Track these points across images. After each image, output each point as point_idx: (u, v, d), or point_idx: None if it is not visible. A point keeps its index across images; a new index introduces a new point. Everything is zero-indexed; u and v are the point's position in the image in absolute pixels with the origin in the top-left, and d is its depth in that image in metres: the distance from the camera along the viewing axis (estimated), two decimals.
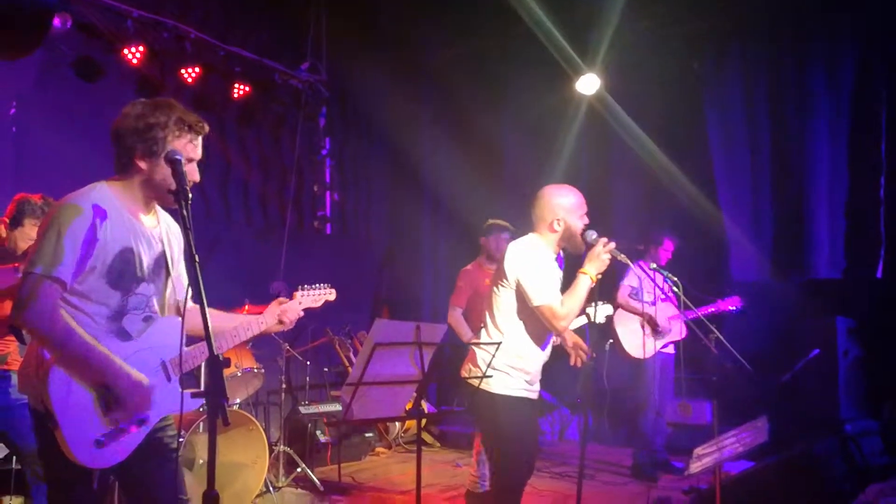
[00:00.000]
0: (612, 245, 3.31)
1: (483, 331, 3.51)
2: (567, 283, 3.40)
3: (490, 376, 3.28)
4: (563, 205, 3.40)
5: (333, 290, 2.96)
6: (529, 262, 3.35)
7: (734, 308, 6.03)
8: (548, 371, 3.59)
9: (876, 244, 6.36)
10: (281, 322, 2.78)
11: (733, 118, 7.18)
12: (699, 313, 5.34)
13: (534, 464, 3.56)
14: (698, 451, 4.01)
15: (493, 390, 3.34)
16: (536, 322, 3.35)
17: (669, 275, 5.22)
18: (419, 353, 2.78)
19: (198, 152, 2.44)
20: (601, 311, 5.08)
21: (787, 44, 6.91)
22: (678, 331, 6.04)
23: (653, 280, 5.65)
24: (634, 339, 5.90)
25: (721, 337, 4.69)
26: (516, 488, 3.43)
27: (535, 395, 3.47)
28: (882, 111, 6.36)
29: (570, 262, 3.54)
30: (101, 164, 3.39)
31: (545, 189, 3.50)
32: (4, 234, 3.43)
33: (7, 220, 3.44)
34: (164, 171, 2.34)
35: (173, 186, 2.29)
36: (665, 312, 5.92)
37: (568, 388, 7.18)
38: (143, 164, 2.35)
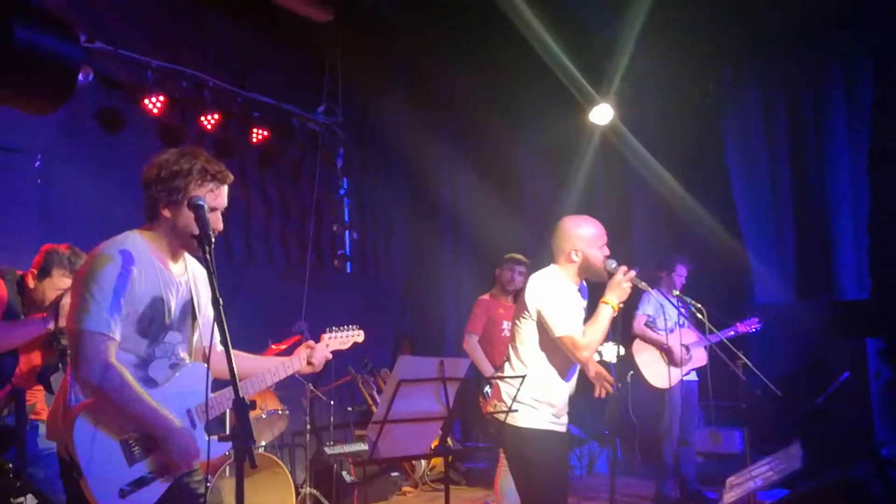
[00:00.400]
0: (633, 273, 3.30)
1: (507, 364, 3.50)
2: (591, 313, 3.40)
3: (516, 410, 3.26)
4: (582, 235, 3.40)
5: (361, 332, 2.96)
6: (550, 292, 3.35)
7: (754, 329, 5.97)
8: (574, 404, 3.54)
9: None
10: (310, 364, 2.78)
11: (751, 138, 7.16)
12: (722, 337, 5.30)
13: (566, 499, 3.48)
14: (731, 480, 3.95)
15: (519, 424, 3.32)
16: (559, 353, 3.34)
17: (692, 301, 5.18)
18: (444, 389, 2.77)
19: (221, 201, 2.48)
20: (610, 351, 5.06)
21: (803, 60, 6.90)
22: (699, 357, 5.98)
23: (676, 307, 5.61)
24: (655, 369, 5.84)
25: (748, 362, 4.64)
26: None
27: (562, 429, 3.43)
28: None
29: (595, 292, 3.54)
30: (124, 214, 3.45)
31: (564, 220, 3.52)
32: (32, 285, 3.48)
33: (35, 271, 3.49)
34: (186, 218, 2.37)
35: (196, 232, 2.32)
36: (684, 339, 5.87)
37: (595, 421, 7.09)
38: (167, 213, 2.40)
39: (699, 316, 5.09)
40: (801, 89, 6.95)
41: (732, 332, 5.80)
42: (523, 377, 3.17)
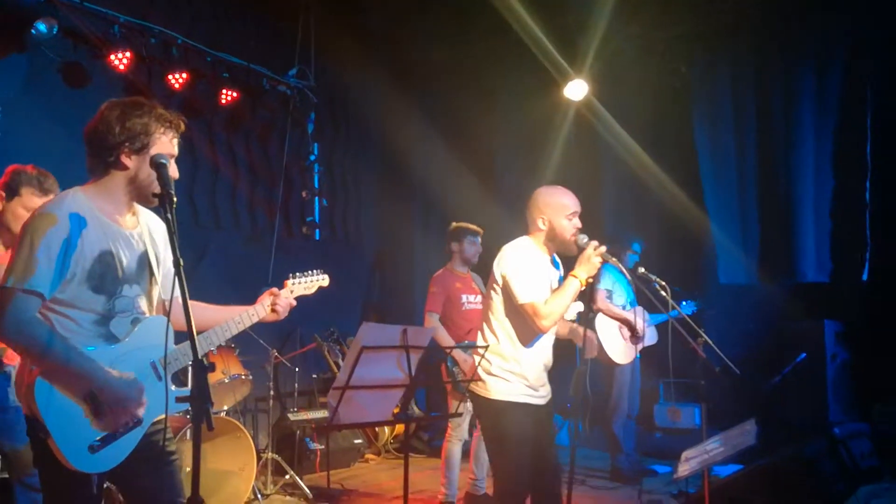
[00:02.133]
0: (603, 249, 3.30)
1: (479, 336, 3.52)
2: None
3: (479, 381, 3.27)
4: (550, 203, 3.41)
5: (326, 277, 2.88)
6: (516, 260, 3.36)
7: (692, 311, 6.07)
8: None
9: (862, 247, 6.40)
10: (274, 311, 2.74)
11: (720, 122, 7.23)
12: (682, 314, 5.37)
13: (550, 470, 3.46)
14: (686, 454, 4.02)
15: (492, 396, 3.34)
16: (526, 323, 3.34)
17: (656, 278, 5.23)
18: (406, 357, 2.77)
19: (176, 149, 2.45)
20: (572, 309, 5.07)
21: (776, 47, 6.96)
22: (651, 336, 6.08)
23: (628, 285, 5.69)
24: (615, 344, 5.91)
25: (709, 340, 4.70)
26: (517, 493, 3.37)
27: (540, 401, 3.41)
28: (867, 114, 6.41)
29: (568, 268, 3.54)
30: (85, 170, 3.35)
31: (536, 190, 3.53)
32: (0, 207, 3.35)
33: (2, 193, 3.29)
34: (148, 170, 2.34)
35: (157, 189, 2.30)
36: (639, 317, 5.96)
37: (558, 394, 7.16)
38: (129, 162, 2.35)
39: (663, 293, 5.14)
40: (770, 75, 7.01)
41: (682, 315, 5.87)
42: (485, 347, 3.17)
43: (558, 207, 3.39)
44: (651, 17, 7.06)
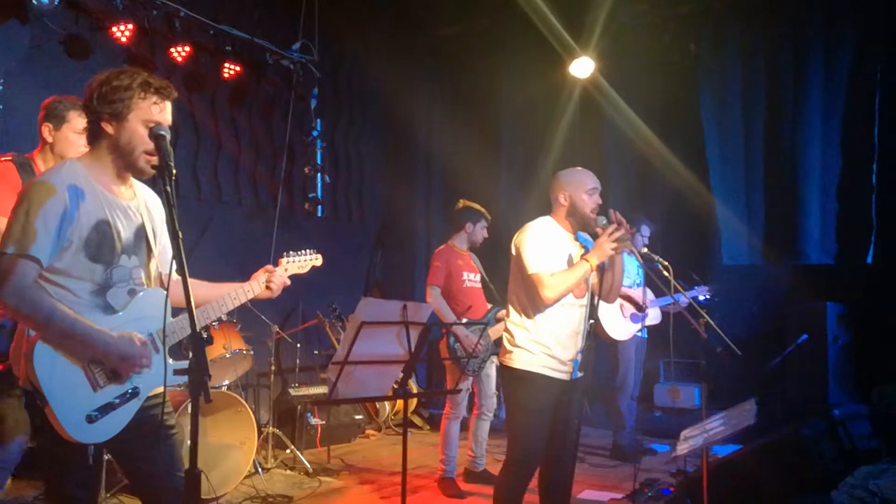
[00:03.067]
0: (617, 234, 3.32)
1: (507, 312, 3.62)
2: None
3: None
4: (570, 179, 3.53)
5: (319, 256, 2.91)
6: (531, 233, 3.47)
7: (700, 297, 6.06)
8: None
9: (867, 230, 6.36)
10: (268, 289, 2.75)
11: (728, 101, 7.15)
12: (687, 297, 5.37)
13: (565, 446, 3.50)
14: (686, 432, 4.02)
15: (514, 365, 3.44)
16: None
17: (659, 258, 5.21)
18: (406, 333, 2.76)
19: (166, 117, 2.40)
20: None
21: (785, 26, 6.87)
22: (654, 315, 6.08)
23: (638, 266, 5.68)
24: (614, 321, 5.92)
25: (710, 321, 4.69)
26: (526, 462, 3.43)
27: (562, 376, 3.44)
28: (876, 96, 6.34)
29: None
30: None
31: (559, 172, 3.65)
32: (51, 138, 3.27)
33: (50, 124, 3.27)
34: (128, 135, 2.32)
35: (139, 153, 2.31)
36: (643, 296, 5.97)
37: None
38: (108, 128, 2.34)
39: (665, 273, 5.12)
40: (780, 56, 6.93)
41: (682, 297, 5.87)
42: (485, 325, 3.19)
43: (578, 183, 3.50)
44: None
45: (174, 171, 2.25)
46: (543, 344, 3.41)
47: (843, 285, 6.46)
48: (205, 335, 2.00)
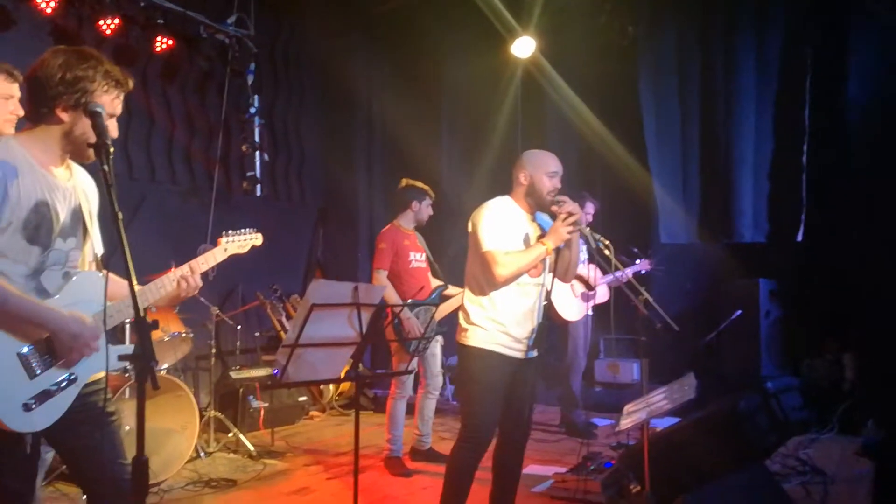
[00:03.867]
0: (573, 218, 3.33)
1: (465, 289, 3.62)
2: None
3: (464, 330, 3.45)
4: (532, 161, 3.54)
5: (260, 235, 2.82)
6: (487, 212, 3.47)
7: (644, 271, 6.20)
8: None
9: (798, 209, 6.57)
10: (178, 286, 2.55)
11: (665, 82, 7.27)
12: (627, 274, 5.47)
13: (519, 423, 3.55)
14: (628, 407, 4.10)
15: (469, 343, 3.45)
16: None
17: (600, 237, 5.28)
18: (357, 315, 2.72)
19: (118, 108, 2.34)
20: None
21: (719, 10, 7.00)
22: (602, 293, 6.18)
23: (582, 244, 5.72)
24: (566, 302, 5.99)
25: (650, 298, 4.79)
26: (479, 438, 3.45)
27: (516, 354, 3.46)
28: (807, 78, 6.53)
29: None
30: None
31: (523, 152, 3.66)
32: None
33: None
34: (84, 125, 2.23)
35: (93, 140, 2.18)
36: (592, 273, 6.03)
37: None
38: (64, 116, 2.24)
39: (606, 252, 5.19)
40: (714, 37, 7.06)
41: (626, 273, 5.98)
42: (437, 305, 3.18)
43: (540, 165, 3.51)
44: None
45: (112, 150, 2.16)
46: (499, 322, 3.43)
47: (775, 262, 6.67)
48: (149, 321, 1.92)
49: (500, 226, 3.43)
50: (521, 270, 3.38)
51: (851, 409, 5.82)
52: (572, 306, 6.00)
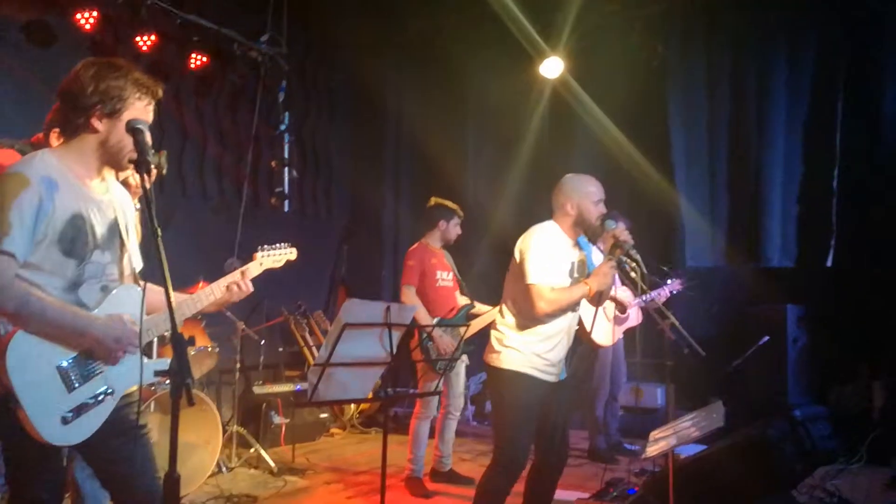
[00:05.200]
0: (614, 263, 3.41)
1: (500, 312, 3.63)
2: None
3: (495, 352, 3.46)
4: (578, 189, 3.56)
5: (294, 250, 2.84)
6: (536, 241, 3.48)
7: (675, 291, 6.12)
8: None
9: (827, 234, 6.50)
10: (228, 291, 2.63)
11: (695, 103, 7.24)
12: (653, 296, 5.41)
13: (554, 447, 3.57)
14: (655, 434, 4.05)
15: (502, 366, 3.46)
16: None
17: (627, 259, 5.24)
18: (388, 335, 2.73)
19: (150, 116, 2.38)
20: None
21: (750, 31, 6.97)
22: (636, 316, 6.11)
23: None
24: (599, 326, 5.92)
25: (676, 322, 4.74)
26: (514, 463, 3.45)
27: (550, 378, 3.50)
28: (838, 100, 6.47)
29: None
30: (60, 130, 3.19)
31: (564, 177, 3.68)
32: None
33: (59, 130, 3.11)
34: (120, 134, 2.27)
35: (127, 152, 2.26)
36: (623, 297, 5.97)
37: None
38: (99, 126, 2.28)
39: (633, 275, 5.15)
40: (745, 59, 7.04)
41: (659, 293, 5.92)
42: (467, 326, 3.19)
43: (586, 194, 3.54)
44: None
45: (152, 166, 2.20)
46: (534, 344, 3.45)
47: (803, 287, 6.58)
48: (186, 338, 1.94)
49: (548, 259, 3.45)
50: (563, 308, 3.43)
51: (881, 439, 5.70)
52: (605, 330, 5.93)
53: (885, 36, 6.32)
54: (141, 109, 2.31)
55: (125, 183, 2.82)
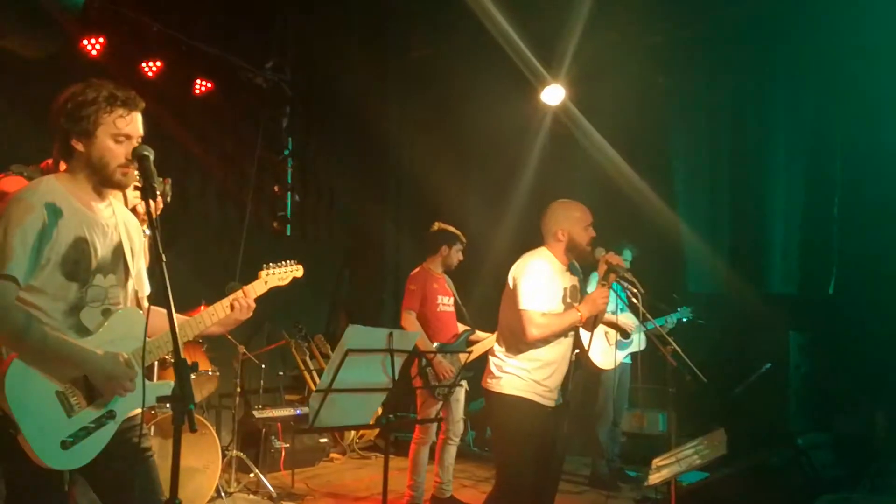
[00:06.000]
0: (606, 290, 3.46)
1: (497, 338, 3.66)
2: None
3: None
4: (567, 215, 3.62)
5: (300, 267, 2.85)
6: (530, 268, 3.53)
7: (684, 319, 6.13)
8: None
9: (829, 261, 6.51)
10: (232, 308, 2.62)
11: (695, 131, 7.30)
12: (655, 324, 5.41)
13: (553, 470, 3.60)
14: (657, 461, 4.03)
15: (503, 391, 3.49)
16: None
17: (630, 286, 5.24)
18: (391, 361, 2.73)
19: (136, 128, 2.36)
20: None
21: (751, 61, 7.03)
22: (639, 341, 6.09)
23: (616, 293, 5.68)
24: (600, 350, 5.91)
25: (678, 349, 4.73)
26: (517, 492, 3.45)
27: (549, 403, 3.52)
28: (839, 130, 6.52)
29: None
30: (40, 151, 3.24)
31: (552, 204, 3.74)
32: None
33: None
34: (100, 150, 2.29)
35: (114, 167, 2.29)
36: (627, 322, 5.96)
37: None
38: (79, 146, 2.30)
39: (634, 301, 5.15)
40: (745, 88, 7.09)
41: (665, 321, 5.92)
42: (469, 352, 3.20)
43: (575, 220, 3.61)
44: (629, 24, 7.08)
45: (157, 192, 2.21)
46: (532, 371, 3.47)
47: (806, 314, 6.58)
48: (169, 358, 1.94)
49: (540, 285, 3.48)
50: (554, 334, 3.46)
51: (884, 468, 5.66)
52: (606, 354, 5.91)
53: (883, 64, 6.37)
54: (113, 123, 2.29)
55: (133, 210, 2.84)
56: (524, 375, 3.46)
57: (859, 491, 5.51)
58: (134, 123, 2.35)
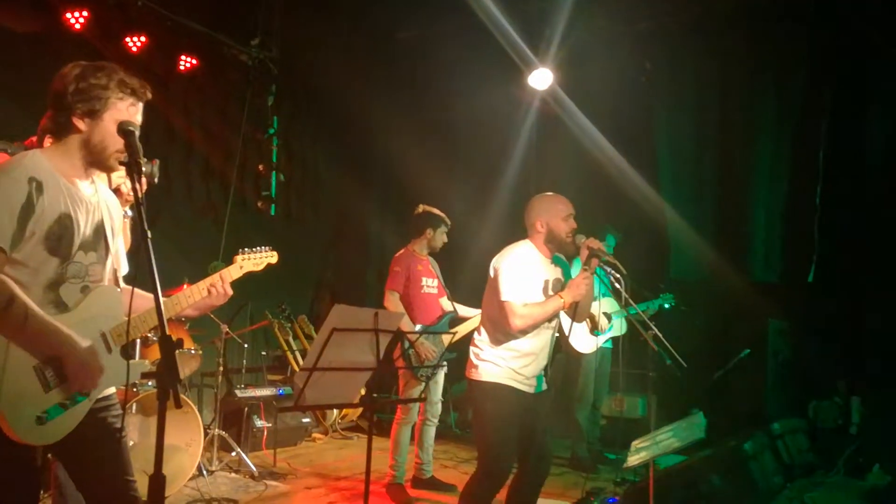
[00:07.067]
0: (588, 276, 3.47)
1: (477, 328, 3.69)
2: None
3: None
4: (546, 207, 3.65)
5: (275, 253, 2.84)
6: (511, 259, 3.55)
7: (668, 305, 6.19)
8: None
9: (809, 250, 6.58)
10: (209, 293, 2.62)
11: (681, 118, 7.31)
12: (637, 309, 5.46)
13: (536, 456, 3.61)
14: (636, 443, 4.09)
15: (481, 378, 3.52)
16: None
17: (613, 271, 5.28)
18: (376, 340, 2.75)
19: (137, 118, 2.36)
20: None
21: (739, 48, 7.05)
22: (619, 326, 6.15)
23: (599, 278, 5.72)
24: (580, 334, 5.96)
25: (659, 334, 4.78)
26: (497, 474, 3.49)
27: (528, 389, 3.54)
28: (824, 120, 6.57)
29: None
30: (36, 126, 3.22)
31: (532, 198, 3.78)
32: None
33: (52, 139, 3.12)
34: (102, 134, 2.28)
35: (111, 152, 2.27)
36: (605, 308, 6.01)
37: None
38: (81, 125, 2.28)
39: (617, 286, 5.19)
40: (732, 76, 7.11)
41: (647, 307, 5.98)
42: (454, 333, 3.22)
43: (554, 211, 3.63)
44: (617, 11, 7.08)
45: (143, 168, 2.20)
46: (510, 360, 3.50)
47: (785, 302, 6.66)
48: (152, 336, 1.94)
49: (521, 276, 3.50)
50: (538, 322, 3.47)
51: (858, 453, 5.78)
52: (585, 338, 5.97)
53: (873, 56, 6.42)
54: (124, 110, 2.30)
55: (116, 191, 2.82)
56: (501, 363, 3.49)
57: (833, 475, 5.63)
58: (138, 114, 2.37)
